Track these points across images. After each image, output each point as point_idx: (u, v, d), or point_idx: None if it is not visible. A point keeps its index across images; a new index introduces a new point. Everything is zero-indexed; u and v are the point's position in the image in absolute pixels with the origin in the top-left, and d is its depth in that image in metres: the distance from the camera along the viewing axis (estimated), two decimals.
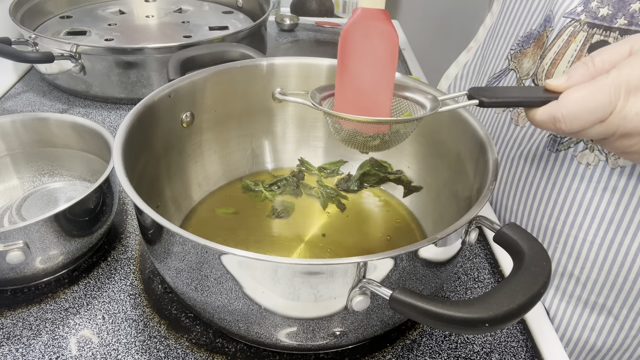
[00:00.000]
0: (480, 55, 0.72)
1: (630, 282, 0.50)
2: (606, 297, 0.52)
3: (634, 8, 0.47)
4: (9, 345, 0.41)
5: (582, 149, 0.50)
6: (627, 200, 0.48)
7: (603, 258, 0.51)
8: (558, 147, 0.52)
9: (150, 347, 0.42)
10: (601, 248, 0.51)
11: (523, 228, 0.34)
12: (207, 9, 0.99)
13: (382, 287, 0.32)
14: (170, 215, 0.51)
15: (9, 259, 0.41)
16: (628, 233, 0.49)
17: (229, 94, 0.54)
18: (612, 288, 0.52)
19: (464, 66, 0.75)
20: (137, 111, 0.45)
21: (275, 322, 0.36)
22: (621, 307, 0.52)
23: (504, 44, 0.65)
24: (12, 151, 0.56)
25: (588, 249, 0.52)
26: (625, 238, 0.49)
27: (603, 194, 0.50)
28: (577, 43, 0.51)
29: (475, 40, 0.75)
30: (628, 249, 0.49)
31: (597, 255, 0.51)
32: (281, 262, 0.32)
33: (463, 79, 0.75)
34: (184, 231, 0.32)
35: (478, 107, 0.39)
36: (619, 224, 0.49)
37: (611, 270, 0.51)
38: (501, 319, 0.28)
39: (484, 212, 0.58)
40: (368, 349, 0.42)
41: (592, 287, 0.53)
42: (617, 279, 0.51)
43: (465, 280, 0.50)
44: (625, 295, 0.51)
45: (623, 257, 0.50)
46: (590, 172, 0.50)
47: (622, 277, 0.51)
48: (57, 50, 0.72)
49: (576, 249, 0.52)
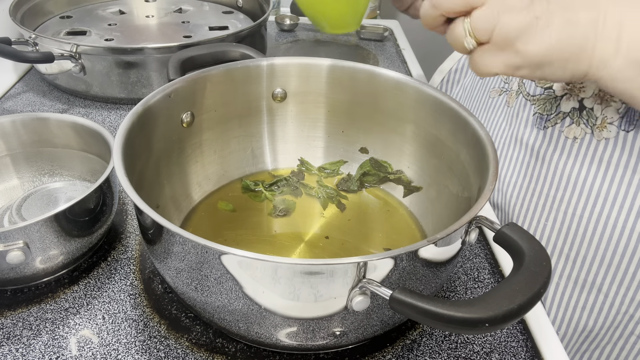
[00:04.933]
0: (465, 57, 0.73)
1: (618, 256, 0.51)
2: (595, 274, 0.53)
3: None
4: (9, 345, 0.41)
5: (568, 123, 0.51)
6: (613, 172, 0.49)
7: (592, 232, 0.51)
8: (545, 124, 0.53)
9: (150, 347, 0.42)
10: (589, 222, 0.51)
11: (523, 228, 0.34)
12: (207, 9, 0.99)
13: (382, 287, 0.32)
14: (170, 215, 0.51)
15: (9, 259, 0.41)
16: (615, 205, 0.50)
17: (229, 94, 0.54)
18: (602, 264, 0.52)
19: (459, 60, 0.77)
20: (137, 111, 0.44)
21: (275, 322, 0.36)
22: (610, 284, 0.52)
23: None
24: (12, 151, 0.56)
25: (577, 224, 0.52)
26: (612, 210, 0.50)
27: (590, 167, 0.50)
28: None
29: None
30: (615, 222, 0.50)
31: (586, 230, 0.52)
32: (281, 262, 0.31)
33: (458, 72, 0.76)
34: (183, 231, 0.32)
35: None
36: (605, 196, 0.50)
37: (600, 244, 0.51)
38: (501, 319, 0.28)
39: (484, 212, 0.58)
40: (368, 349, 0.42)
41: (582, 264, 0.53)
42: (606, 253, 0.51)
43: (465, 280, 0.50)
44: (614, 270, 0.51)
45: (611, 230, 0.50)
46: (577, 145, 0.51)
47: (611, 252, 0.51)
48: (57, 50, 0.72)
49: (565, 225, 0.53)
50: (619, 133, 0.48)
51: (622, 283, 0.51)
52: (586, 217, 0.51)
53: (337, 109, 0.57)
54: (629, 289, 0.51)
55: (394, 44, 1.05)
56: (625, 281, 0.51)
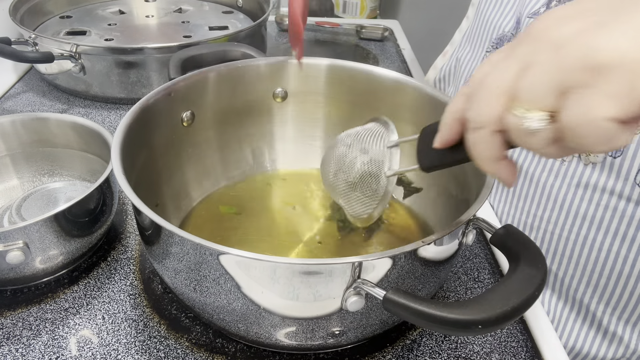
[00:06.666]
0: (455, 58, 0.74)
1: (604, 279, 0.51)
2: (583, 293, 0.53)
3: None
4: (9, 345, 0.41)
5: None
6: (599, 196, 0.49)
7: (578, 254, 0.52)
8: None
9: (150, 347, 0.42)
10: (575, 244, 0.51)
11: (519, 230, 0.34)
12: (207, 9, 0.99)
13: (376, 287, 0.32)
14: (170, 215, 0.51)
15: (8, 259, 0.41)
16: (600, 229, 0.50)
17: (229, 94, 0.54)
18: (589, 284, 0.52)
19: (441, 70, 0.77)
20: (137, 110, 0.44)
21: (274, 322, 0.36)
22: (597, 303, 0.52)
23: (480, 46, 0.66)
24: (12, 151, 0.56)
25: (564, 245, 0.52)
26: (597, 234, 0.50)
27: (576, 190, 0.50)
28: None
29: (451, 44, 0.78)
30: (601, 245, 0.50)
31: (573, 252, 0.52)
32: (278, 261, 0.32)
33: (441, 82, 0.77)
34: (182, 231, 0.32)
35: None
36: (591, 219, 0.50)
37: (586, 266, 0.51)
38: (494, 321, 0.28)
39: (484, 214, 0.58)
40: (368, 349, 0.42)
41: (570, 282, 0.53)
42: (593, 275, 0.51)
43: (465, 281, 0.50)
44: (601, 291, 0.52)
45: (597, 253, 0.50)
46: (565, 167, 0.51)
47: (597, 274, 0.51)
48: (57, 50, 0.72)
49: (553, 245, 0.53)
50: (605, 158, 0.48)
51: (609, 303, 0.52)
52: (572, 239, 0.51)
53: (337, 109, 0.57)
54: (615, 309, 0.51)
55: (394, 44, 1.05)
56: (612, 302, 0.51)
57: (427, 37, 1.43)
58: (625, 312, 0.51)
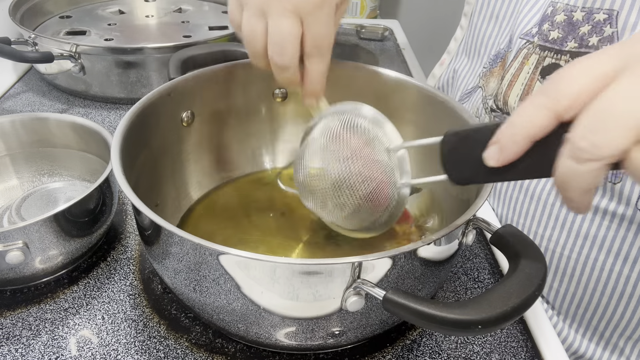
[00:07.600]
0: (452, 69, 0.73)
1: (606, 298, 0.51)
2: (585, 309, 0.53)
3: (583, 31, 0.47)
4: (9, 345, 0.41)
5: None
6: (600, 218, 0.49)
7: (579, 274, 0.52)
8: None
9: (150, 347, 0.41)
10: (577, 264, 0.52)
11: (519, 230, 0.34)
12: (207, 9, 0.99)
13: (375, 287, 0.32)
14: (169, 215, 0.51)
15: (8, 259, 0.41)
16: (602, 250, 0.50)
17: (229, 93, 0.54)
18: (590, 302, 0.52)
19: (439, 79, 0.77)
20: (136, 110, 0.44)
21: (274, 322, 0.36)
22: (599, 322, 0.52)
23: (477, 61, 0.66)
24: (11, 151, 0.56)
25: (565, 264, 0.53)
26: (599, 255, 0.50)
27: None
28: (530, 65, 0.51)
29: (447, 52, 0.77)
30: (603, 265, 0.50)
31: (574, 271, 0.52)
32: (278, 261, 0.32)
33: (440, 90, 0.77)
34: (182, 231, 0.32)
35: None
36: (593, 240, 0.50)
37: (587, 285, 0.52)
38: (494, 321, 0.28)
39: (484, 214, 0.58)
40: (368, 349, 0.42)
41: (571, 300, 0.54)
42: (594, 294, 0.52)
43: (465, 281, 0.50)
44: (602, 310, 0.52)
45: (598, 273, 0.50)
46: None
47: (599, 293, 0.51)
48: (57, 50, 0.72)
49: (554, 263, 0.53)
50: (606, 184, 0.48)
51: (611, 322, 0.52)
52: (574, 259, 0.51)
53: None
54: (617, 327, 0.52)
55: (394, 44, 1.05)
56: (613, 320, 0.51)
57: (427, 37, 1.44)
58: (627, 330, 0.51)
